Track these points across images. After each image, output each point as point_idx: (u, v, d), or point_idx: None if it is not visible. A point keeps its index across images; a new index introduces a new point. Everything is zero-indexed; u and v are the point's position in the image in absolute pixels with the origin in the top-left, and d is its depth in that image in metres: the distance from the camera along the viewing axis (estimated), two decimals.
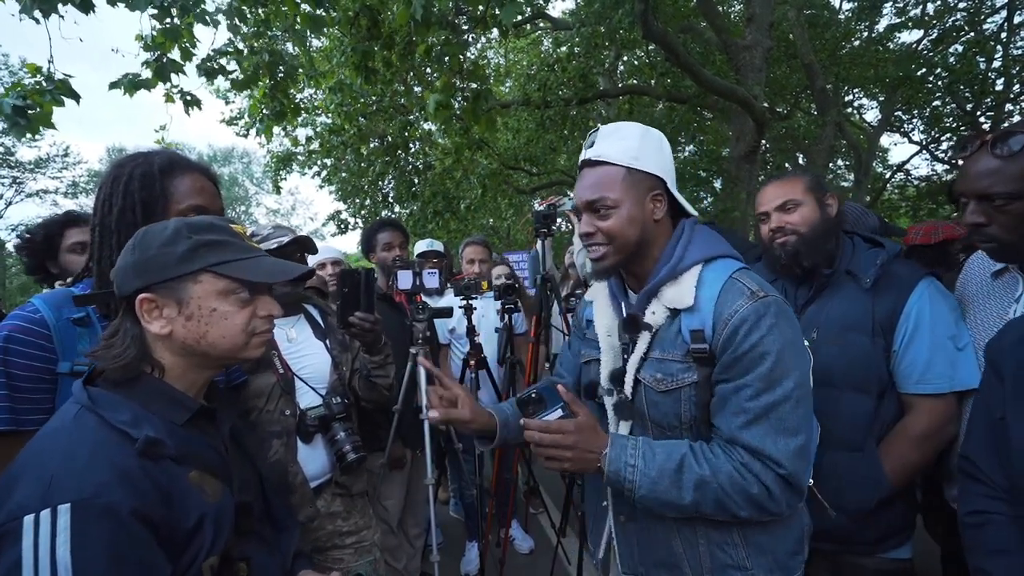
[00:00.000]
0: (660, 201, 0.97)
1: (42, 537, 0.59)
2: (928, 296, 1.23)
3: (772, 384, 0.84)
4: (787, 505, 0.86)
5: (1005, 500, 0.87)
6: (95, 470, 0.64)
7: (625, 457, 0.89)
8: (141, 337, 0.77)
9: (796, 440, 0.84)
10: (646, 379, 0.94)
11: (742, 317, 0.85)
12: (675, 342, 0.92)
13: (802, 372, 0.87)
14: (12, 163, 18.01)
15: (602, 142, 0.97)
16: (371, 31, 3.88)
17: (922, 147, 11.50)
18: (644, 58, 9.10)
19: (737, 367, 0.86)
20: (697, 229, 1.00)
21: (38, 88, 2.89)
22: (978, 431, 0.95)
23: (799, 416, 0.85)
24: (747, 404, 0.84)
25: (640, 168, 0.94)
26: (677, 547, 0.95)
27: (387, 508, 2.13)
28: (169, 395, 0.78)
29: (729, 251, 0.98)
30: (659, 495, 0.87)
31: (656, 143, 0.98)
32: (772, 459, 0.83)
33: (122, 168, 0.99)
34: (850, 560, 1.29)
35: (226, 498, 0.79)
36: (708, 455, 0.88)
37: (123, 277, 0.76)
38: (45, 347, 0.89)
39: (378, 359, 1.60)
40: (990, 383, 0.93)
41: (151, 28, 3.35)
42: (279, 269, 0.84)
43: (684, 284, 0.93)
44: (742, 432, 0.85)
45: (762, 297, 0.86)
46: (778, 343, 0.84)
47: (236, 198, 33.53)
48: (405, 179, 8.42)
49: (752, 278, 0.91)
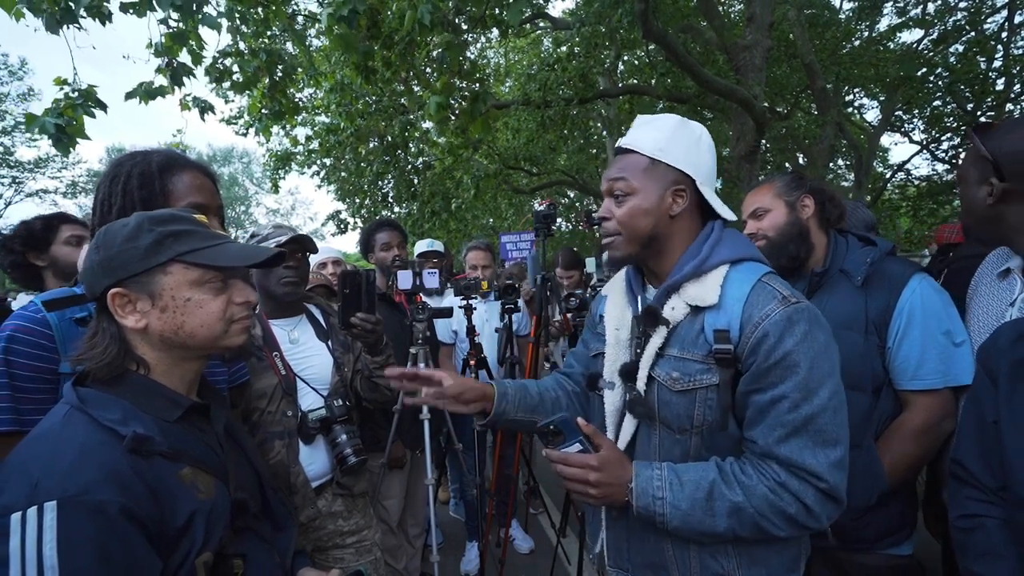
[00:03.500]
0: (681, 197, 0.93)
1: (28, 535, 0.59)
2: (920, 292, 1.24)
3: (809, 394, 0.80)
4: (827, 519, 0.83)
5: (995, 504, 0.87)
6: (83, 469, 0.64)
7: (652, 490, 0.86)
8: (120, 335, 0.77)
9: (836, 452, 0.81)
10: (660, 377, 0.91)
11: (774, 322, 0.82)
12: (696, 341, 0.89)
13: (836, 380, 0.84)
14: (12, 163, 18.02)
15: (635, 130, 0.97)
16: (371, 31, 3.88)
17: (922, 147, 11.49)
18: (644, 58, 9.10)
19: (770, 376, 0.82)
20: (727, 232, 0.96)
21: (70, 102, 3.03)
22: (969, 435, 0.94)
23: (837, 425, 0.82)
24: (786, 417, 0.81)
25: (664, 160, 0.92)
26: (667, 551, 0.92)
27: (387, 508, 2.13)
28: (158, 392, 0.78)
29: (758, 255, 0.95)
30: (693, 526, 0.84)
31: (691, 138, 0.95)
32: (812, 473, 0.80)
33: (120, 167, 0.99)
34: (851, 557, 1.30)
35: (220, 495, 0.79)
36: (740, 477, 0.84)
37: (91, 277, 0.76)
38: (47, 347, 0.89)
39: (380, 360, 1.60)
40: (983, 387, 0.92)
41: (160, 34, 3.39)
42: (247, 253, 0.84)
43: (709, 282, 0.89)
44: (780, 446, 0.81)
45: (795, 303, 0.83)
46: (812, 351, 0.81)
47: (236, 198, 33.55)
48: (405, 179, 8.42)
49: (782, 283, 0.88)
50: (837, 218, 1.42)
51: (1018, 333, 0.88)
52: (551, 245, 3.96)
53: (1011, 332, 0.90)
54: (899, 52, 9.70)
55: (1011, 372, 0.86)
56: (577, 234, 14.84)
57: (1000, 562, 0.84)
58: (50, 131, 2.91)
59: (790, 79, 9.93)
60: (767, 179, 1.50)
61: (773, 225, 1.40)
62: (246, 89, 4.33)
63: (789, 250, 1.37)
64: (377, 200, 9.35)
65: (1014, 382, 0.85)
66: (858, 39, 9.75)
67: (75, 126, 3.01)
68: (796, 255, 1.38)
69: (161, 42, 3.41)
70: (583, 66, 6.57)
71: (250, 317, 0.87)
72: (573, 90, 6.69)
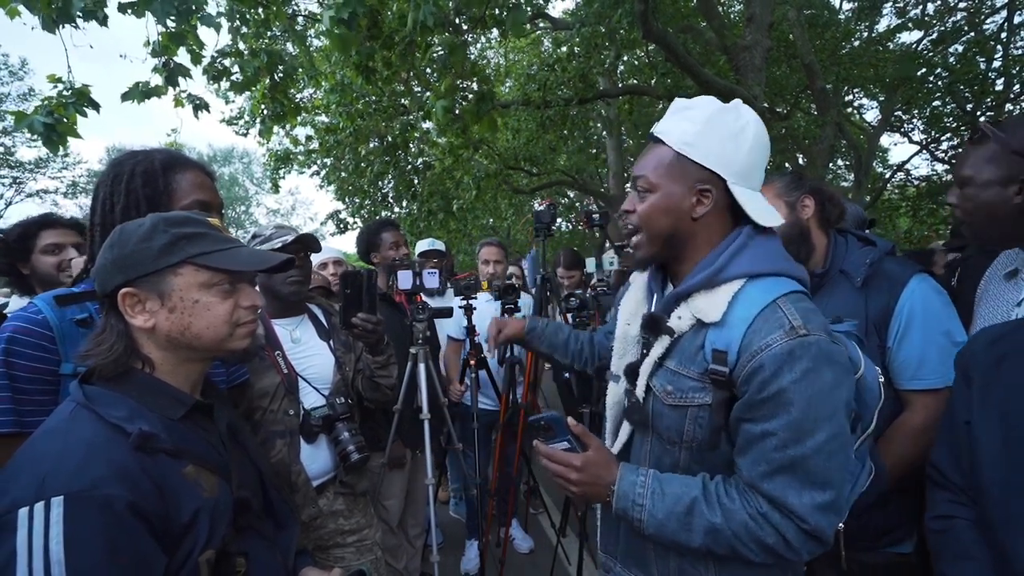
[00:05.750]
0: (707, 197, 0.85)
1: (35, 530, 0.59)
2: (920, 292, 1.24)
3: (802, 436, 0.75)
4: (807, 553, 0.79)
5: (966, 505, 0.88)
6: (90, 464, 0.64)
7: (633, 496, 0.85)
8: (127, 332, 0.78)
9: (825, 495, 0.75)
10: (656, 388, 0.88)
11: (773, 355, 0.75)
12: (695, 357, 0.84)
13: (837, 423, 0.76)
14: (12, 163, 18.02)
15: (669, 118, 0.89)
16: (371, 31, 3.88)
17: (922, 147, 11.50)
18: (644, 58, 9.09)
19: (762, 410, 0.77)
20: (756, 240, 0.87)
21: (61, 101, 3.00)
22: (943, 437, 0.95)
23: (831, 469, 0.76)
24: (772, 454, 0.76)
25: (690, 156, 0.84)
26: (649, 551, 0.93)
27: (387, 508, 2.13)
28: (163, 390, 0.79)
29: (786, 270, 0.85)
30: (667, 535, 0.84)
31: (728, 130, 0.84)
32: (794, 513, 0.76)
33: (121, 166, 1.00)
34: (852, 556, 1.30)
35: (223, 493, 0.79)
36: (723, 499, 0.81)
37: (104, 275, 0.77)
38: (48, 348, 0.89)
39: (381, 359, 1.61)
40: (957, 389, 0.94)
41: (157, 33, 3.39)
42: (259, 258, 0.86)
43: (719, 296, 0.82)
44: (763, 481, 0.78)
45: (802, 335, 0.75)
46: (810, 390, 0.74)
47: (236, 198, 33.53)
48: (405, 179, 8.42)
49: (799, 309, 0.79)
50: (837, 218, 1.42)
51: (993, 337, 0.90)
52: (551, 245, 3.97)
53: (986, 336, 0.92)
54: (899, 52, 9.70)
55: (985, 374, 0.87)
56: (577, 234, 14.84)
57: (970, 564, 0.84)
58: (38, 129, 2.87)
59: (790, 79, 9.93)
60: (767, 179, 1.49)
61: None
62: (245, 89, 4.33)
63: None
64: (377, 200, 9.35)
65: (987, 383, 0.86)
66: (857, 39, 9.75)
67: (66, 124, 2.98)
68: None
69: (158, 41, 3.41)
70: (583, 66, 6.56)
71: (255, 321, 0.88)
72: (573, 90, 6.69)
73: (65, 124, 2.98)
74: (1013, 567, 0.76)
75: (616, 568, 1.02)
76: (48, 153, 17.94)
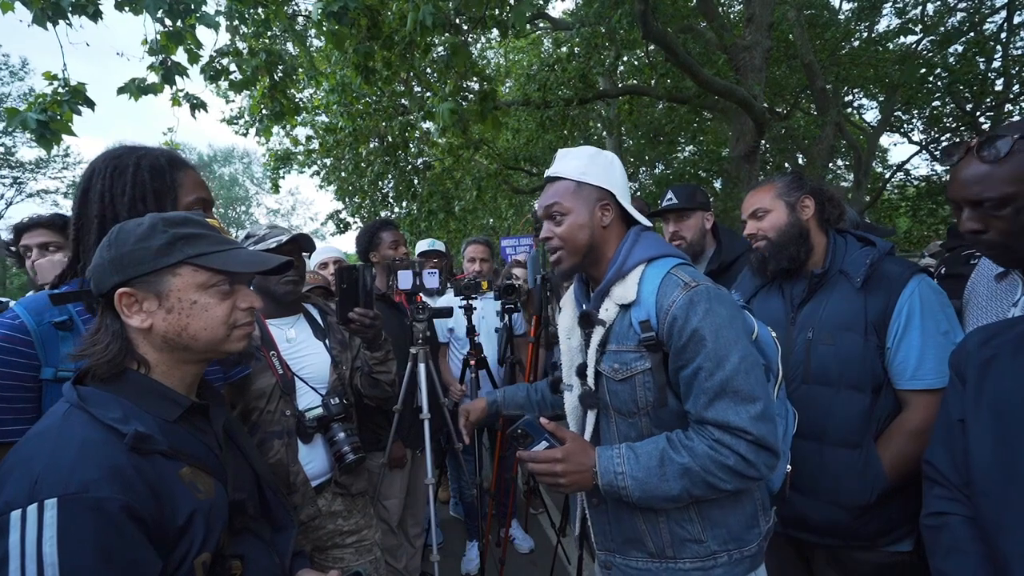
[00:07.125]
0: (608, 210, 1.09)
1: (28, 532, 0.59)
2: (919, 293, 1.24)
3: (721, 360, 0.92)
4: (766, 467, 0.93)
5: (961, 501, 0.89)
6: (84, 466, 0.64)
7: (612, 467, 0.98)
8: (123, 333, 0.77)
9: (755, 407, 0.92)
10: (605, 370, 1.05)
11: (680, 306, 0.95)
12: (627, 334, 1.03)
13: (743, 345, 0.95)
14: (13, 163, 18.04)
15: (559, 162, 1.14)
16: (371, 31, 3.88)
17: (922, 147, 11.51)
18: (644, 58, 9.09)
19: (686, 353, 0.95)
20: (644, 235, 1.10)
21: (56, 99, 2.98)
22: (938, 435, 0.97)
23: (752, 384, 0.93)
24: (705, 384, 0.94)
25: (588, 182, 1.09)
26: (640, 525, 1.04)
27: (387, 508, 2.13)
28: (158, 391, 0.78)
29: (670, 251, 1.08)
30: (651, 492, 0.95)
31: (605, 163, 1.12)
32: (739, 428, 0.91)
33: (122, 160, 0.99)
34: (852, 554, 1.31)
35: (219, 495, 0.79)
36: (685, 442, 0.95)
37: (101, 274, 0.76)
38: (27, 354, 0.87)
39: (379, 355, 1.60)
40: (952, 387, 0.95)
41: (156, 32, 3.38)
42: (258, 260, 0.85)
43: (629, 282, 1.04)
44: (707, 411, 0.94)
45: (695, 287, 0.96)
46: (714, 324, 0.93)
47: (236, 198, 33.52)
48: (405, 179, 8.41)
49: (687, 271, 1.01)
50: (837, 218, 1.43)
51: (986, 336, 0.92)
52: None
53: (979, 336, 0.93)
54: (898, 53, 9.71)
55: (978, 372, 0.89)
56: None
57: (964, 558, 0.85)
58: (31, 126, 2.84)
59: (790, 79, 9.94)
60: (767, 180, 1.50)
61: (774, 226, 1.41)
62: (244, 88, 4.32)
63: (789, 251, 1.38)
64: (377, 200, 9.34)
65: (980, 381, 0.88)
66: (857, 40, 9.76)
67: (59, 122, 2.95)
68: (796, 256, 1.38)
69: (156, 39, 3.40)
70: (583, 66, 6.56)
71: (252, 323, 0.88)
72: (573, 90, 6.69)
73: (59, 122, 2.94)
74: (1006, 564, 0.76)
75: (616, 560, 1.10)
76: (48, 153, 17.98)
